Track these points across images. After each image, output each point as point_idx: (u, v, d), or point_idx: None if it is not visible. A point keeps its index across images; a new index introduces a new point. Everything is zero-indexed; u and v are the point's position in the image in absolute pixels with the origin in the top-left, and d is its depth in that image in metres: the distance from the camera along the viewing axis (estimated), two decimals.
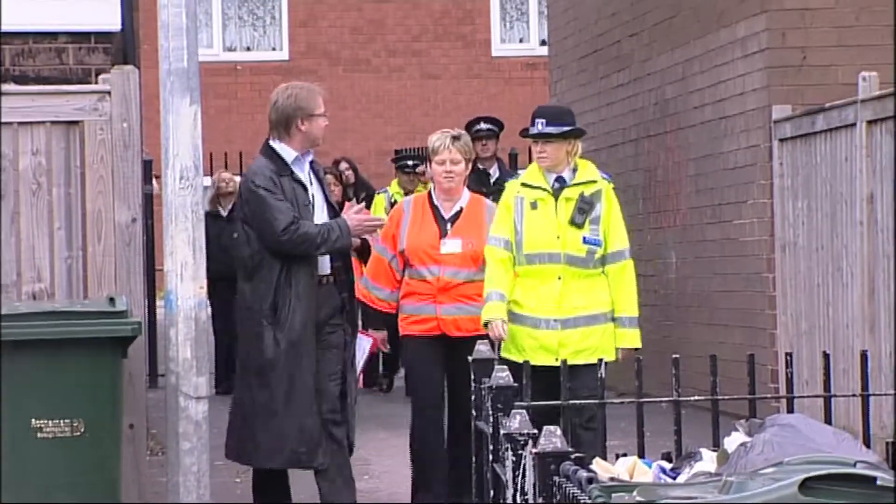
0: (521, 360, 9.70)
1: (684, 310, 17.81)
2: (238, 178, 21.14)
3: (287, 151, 10.98)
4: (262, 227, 10.85)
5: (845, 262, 14.56)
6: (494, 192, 15.80)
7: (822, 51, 15.89)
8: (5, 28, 13.54)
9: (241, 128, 32.13)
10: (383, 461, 13.97)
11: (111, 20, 13.64)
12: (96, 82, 11.27)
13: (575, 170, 10.82)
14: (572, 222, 10.54)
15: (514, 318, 10.68)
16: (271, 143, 11.12)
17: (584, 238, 10.59)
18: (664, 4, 19.33)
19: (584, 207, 10.57)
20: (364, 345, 11.63)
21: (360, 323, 11.75)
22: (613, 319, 10.66)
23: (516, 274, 10.79)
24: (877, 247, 13.89)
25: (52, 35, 13.71)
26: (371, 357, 12.14)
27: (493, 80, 33.57)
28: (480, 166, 16.77)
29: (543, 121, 10.68)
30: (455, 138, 11.58)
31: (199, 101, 11.01)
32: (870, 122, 14.00)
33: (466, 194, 11.69)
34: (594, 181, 10.78)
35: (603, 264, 10.73)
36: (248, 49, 34.75)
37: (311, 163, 11.21)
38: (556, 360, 9.91)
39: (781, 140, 15.92)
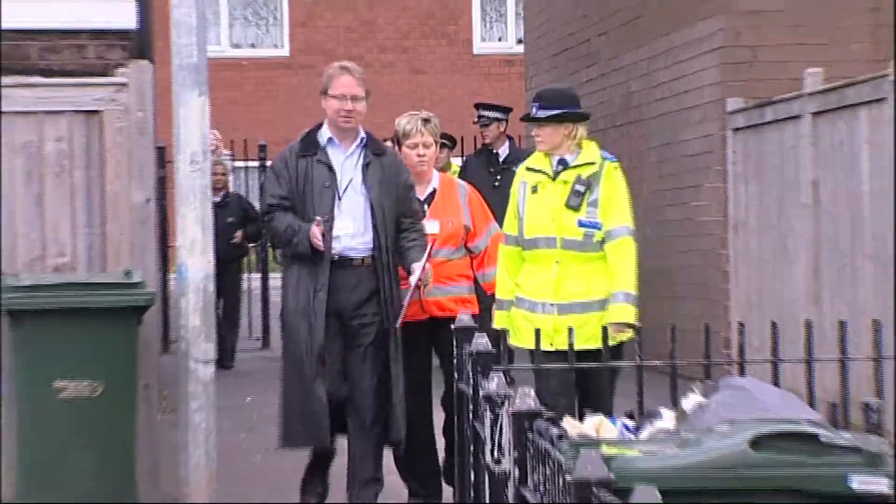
0: (522, 346, 9.65)
1: (647, 284, 17.77)
2: (227, 164, 21.11)
3: (323, 133, 10.36)
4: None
5: (791, 241, 14.60)
6: (503, 170, 15.51)
7: (772, 49, 15.91)
8: (32, 25, 13.53)
9: (245, 118, 32.13)
10: None
11: (128, 19, 13.52)
12: (114, 75, 11.16)
13: (580, 152, 10.06)
14: (567, 205, 9.83)
15: (515, 301, 10.12)
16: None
17: (580, 221, 9.82)
18: (630, 6, 19.33)
19: (580, 189, 9.82)
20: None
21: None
22: (612, 301, 9.83)
23: (524, 259, 10.12)
24: (820, 227, 13.92)
25: (75, 32, 13.52)
26: None
27: (475, 75, 33.64)
28: (489, 146, 16.39)
29: (537, 105, 10.06)
30: (425, 121, 10.95)
31: (208, 94, 10.98)
32: (814, 114, 14.04)
33: (436, 175, 11.07)
34: (592, 163, 9.97)
35: (603, 244, 9.89)
36: (253, 46, 34.87)
37: (373, 149, 10.38)
38: (551, 345, 9.46)
39: (735, 130, 15.95)
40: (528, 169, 10.10)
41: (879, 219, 12.95)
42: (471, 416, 7.83)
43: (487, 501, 6.87)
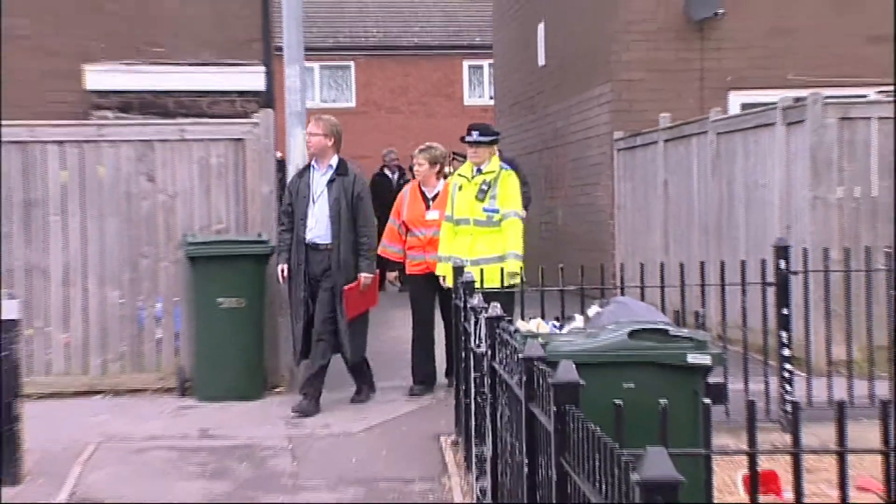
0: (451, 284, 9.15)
1: (565, 243, 17.31)
2: None
3: (312, 162, 9.76)
4: None
5: (651, 217, 14.37)
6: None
7: (640, 102, 15.22)
8: (204, 88, 13.29)
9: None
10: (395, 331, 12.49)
11: (259, 84, 13.38)
12: (251, 118, 10.96)
13: (488, 164, 9.69)
14: (476, 198, 9.52)
15: (452, 258, 9.50)
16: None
17: (484, 208, 9.50)
18: (556, 76, 18.54)
19: (484, 188, 9.51)
20: None
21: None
22: (503, 258, 9.36)
23: (455, 232, 9.65)
24: (668, 208, 13.80)
25: (228, 93, 13.27)
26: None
27: (464, 118, 33.19)
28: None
29: (477, 132, 9.61)
30: (421, 150, 10.44)
31: (305, 129, 10.83)
32: (665, 141, 13.84)
33: (441, 182, 10.34)
34: (493, 171, 9.59)
35: (500, 222, 9.50)
36: (334, 101, 34.49)
37: (339, 169, 9.61)
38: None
39: (618, 150, 15.46)
40: (459, 175, 9.79)
41: (703, 202, 12.77)
42: (462, 319, 7.63)
43: (472, 370, 6.71)
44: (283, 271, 9.64)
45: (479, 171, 9.59)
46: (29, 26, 13.31)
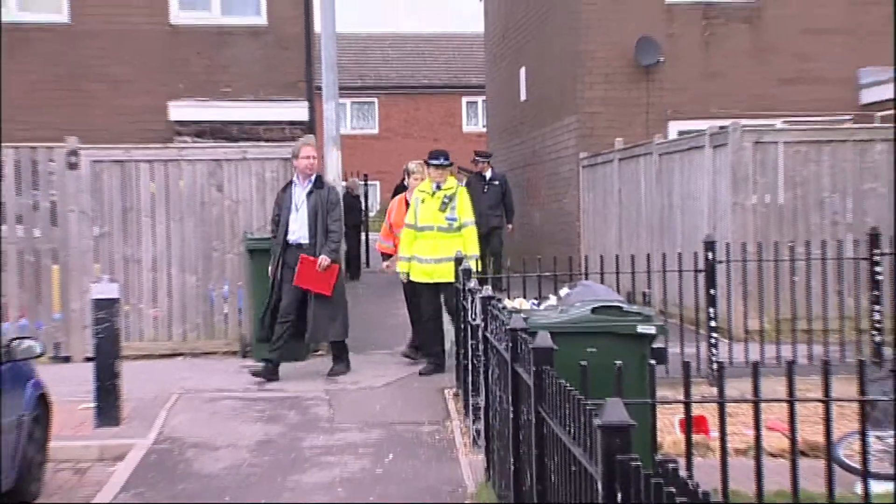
0: (416, 280, 9.12)
1: (540, 239, 17.13)
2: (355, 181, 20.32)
3: (295, 178, 9.18)
4: None
5: (608, 219, 14.02)
6: (488, 184, 14.46)
7: (600, 129, 15.04)
8: (261, 119, 13.21)
9: (353, 164, 32.15)
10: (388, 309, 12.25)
11: (303, 115, 13.29)
12: (297, 142, 10.72)
13: (446, 182, 9.21)
14: (439, 209, 9.09)
15: (414, 258, 9.13)
16: (294, 173, 9.33)
17: (446, 217, 9.06)
18: (533, 110, 18.18)
19: (445, 201, 9.08)
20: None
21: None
22: (460, 259, 8.51)
23: (416, 237, 9.16)
24: (621, 212, 13.55)
25: (279, 122, 13.22)
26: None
27: (463, 143, 33.21)
28: (481, 172, 14.71)
29: (442, 158, 9.15)
30: (417, 164, 9.88)
31: (340, 151, 10.85)
32: (619, 160, 13.60)
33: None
34: (452, 188, 9.18)
35: (459, 229, 9.10)
36: (362, 128, 34.57)
37: (317, 184, 9.13)
38: (432, 278, 9.02)
39: (583, 167, 15.20)
40: (420, 191, 9.25)
41: (649, 208, 12.57)
42: (461, 299, 7.53)
43: (470, 338, 6.66)
44: (274, 270, 9.12)
45: (439, 187, 9.17)
46: (130, 73, 13.43)
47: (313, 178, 9.15)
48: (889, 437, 5.25)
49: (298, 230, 9.05)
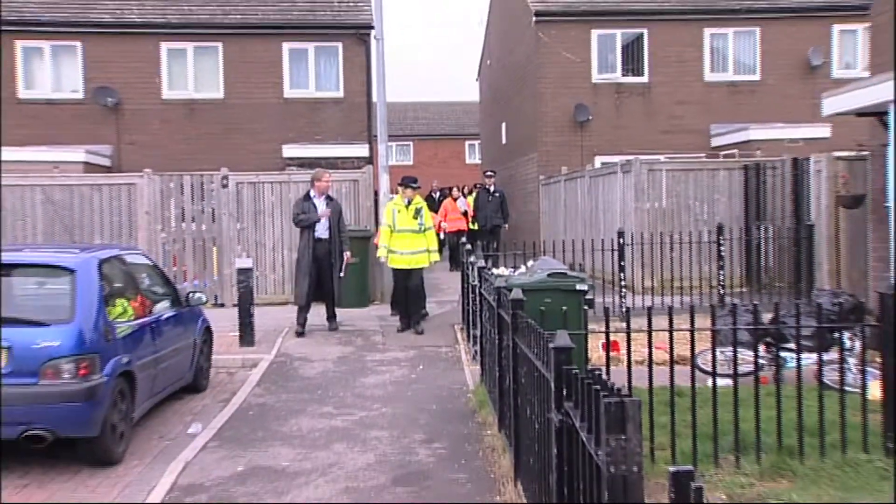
0: (399, 267, 8.04)
1: (516, 231, 15.94)
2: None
3: (313, 193, 8.10)
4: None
5: (554, 218, 13.51)
6: (492, 195, 13.18)
7: (553, 161, 14.53)
8: (341, 155, 13.01)
9: (396, 184, 31.50)
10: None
11: (365, 153, 13.16)
12: (361, 170, 10.30)
13: (414, 199, 8.02)
14: (413, 217, 7.93)
15: (393, 252, 7.97)
16: (310, 189, 8.22)
17: (418, 223, 7.94)
18: (511, 148, 17.50)
19: (415, 212, 7.95)
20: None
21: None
22: (428, 251, 7.96)
23: (393, 236, 7.96)
24: (567, 214, 12.69)
25: (350, 157, 13.20)
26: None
27: (466, 170, 32.74)
28: (486, 186, 13.48)
29: (414, 182, 8.08)
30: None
31: (389, 175, 10.08)
32: (565, 181, 13.18)
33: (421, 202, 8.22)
34: (419, 203, 8.05)
35: (424, 232, 7.97)
36: (401, 161, 34.20)
37: (329, 199, 8.14)
38: (409, 265, 7.98)
39: (542, 185, 14.64)
40: (395, 204, 8.11)
41: (583, 210, 12.24)
42: (465, 269, 7.29)
43: (470, 293, 6.43)
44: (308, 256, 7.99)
45: (409, 202, 8.08)
46: (259, 128, 13.92)
47: (327, 193, 8.30)
48: (728, 351, 5.19)
49: (321, 230, 8.11)
